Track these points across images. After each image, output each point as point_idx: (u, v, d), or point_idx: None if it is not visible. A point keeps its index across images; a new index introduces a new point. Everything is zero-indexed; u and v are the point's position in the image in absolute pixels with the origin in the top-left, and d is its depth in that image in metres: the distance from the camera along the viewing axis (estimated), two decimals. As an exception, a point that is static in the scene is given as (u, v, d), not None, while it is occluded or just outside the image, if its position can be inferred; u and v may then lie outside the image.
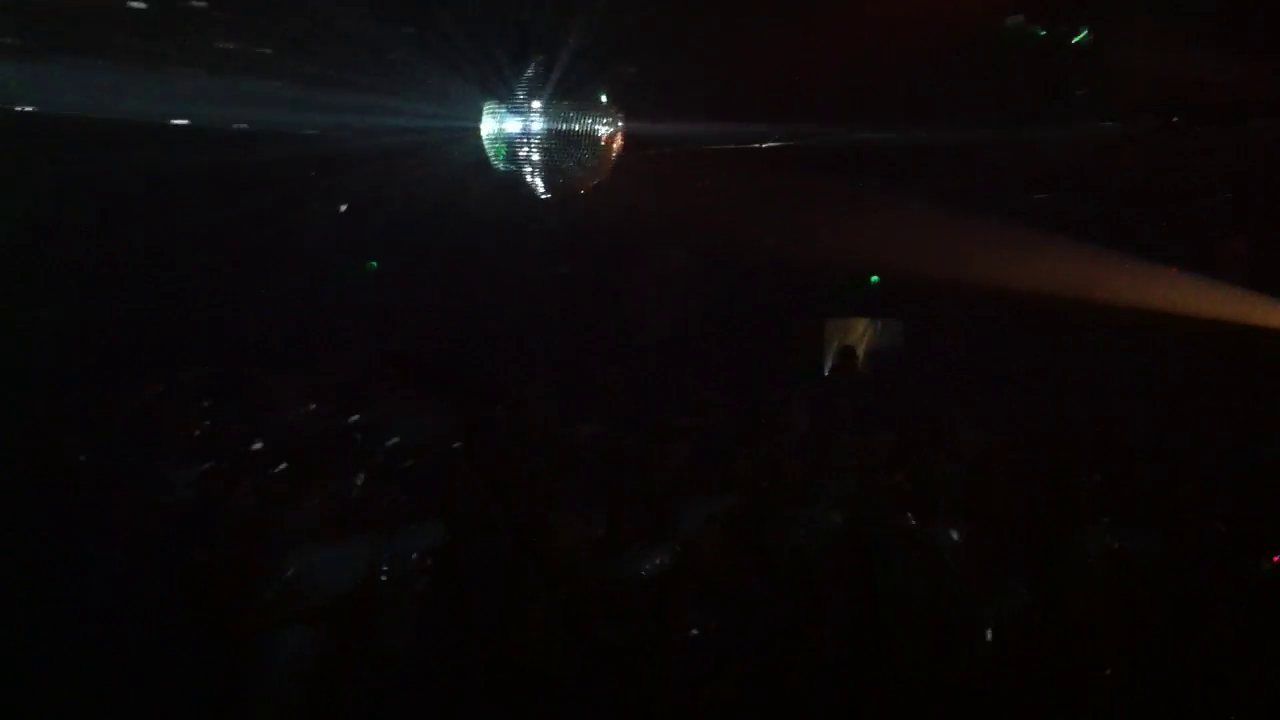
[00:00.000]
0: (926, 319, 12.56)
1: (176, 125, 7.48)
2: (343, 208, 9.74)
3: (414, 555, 6.49)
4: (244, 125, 7.40)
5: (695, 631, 5.83)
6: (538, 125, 5.88)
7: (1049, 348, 11.21)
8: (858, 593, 5.90)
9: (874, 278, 12.75)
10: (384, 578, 6.19)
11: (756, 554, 6.20)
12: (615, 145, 6.00)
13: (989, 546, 6.06)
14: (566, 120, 5.88)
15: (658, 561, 6.23)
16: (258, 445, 7.51)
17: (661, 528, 6.47)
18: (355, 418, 8.56)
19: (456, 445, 7.51)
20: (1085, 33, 6.57)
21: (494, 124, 6.01)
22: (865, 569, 5.96)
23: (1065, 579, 6.20)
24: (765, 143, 7.84)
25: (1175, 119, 8.06)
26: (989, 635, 5.85)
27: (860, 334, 13.34)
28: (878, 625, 5.82)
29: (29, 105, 7.14)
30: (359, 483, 6.55)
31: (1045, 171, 9.66)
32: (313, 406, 8.37)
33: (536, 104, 5.89)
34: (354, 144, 7.92)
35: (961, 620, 6.00)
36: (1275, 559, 5.94)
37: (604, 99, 5.96)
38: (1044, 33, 6.46)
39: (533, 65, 6.01)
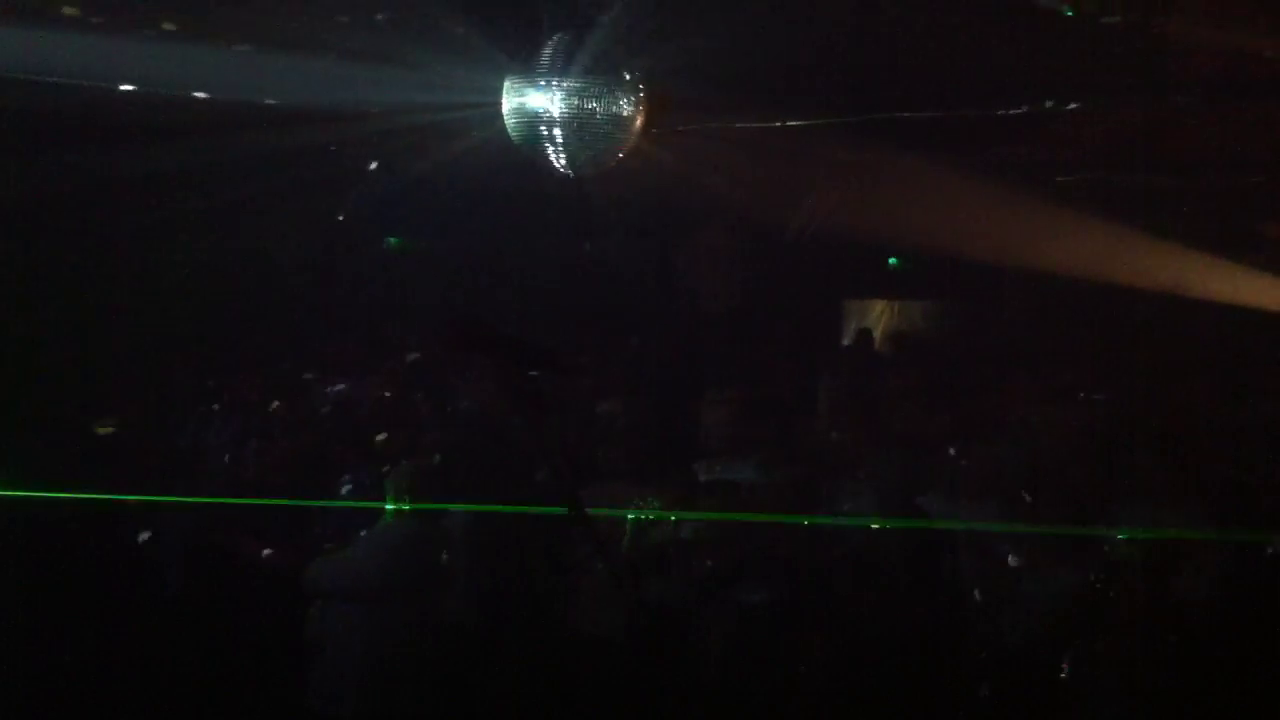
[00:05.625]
0: (982, 296, 12.47)
1: (197, 99, 7.45)
2: (371, 171, 9.70)
3: (464, 530, 6.49)
4: (265, 101, 7.34)
5: (747, 602, 5.79)
6: (560, 102, 5.75)
7: (1108, 325, 11.10)
8: (907, 568, 5.83)
9: (893, 260, 12.62)
10: (435, 552, 6.22)
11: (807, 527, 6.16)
12: (639, 123, 5.89)
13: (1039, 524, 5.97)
14: (589, 97, 5.75)
15: (704, 532, 6.21)
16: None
17: (707, 498, 6.45)
18: (413, 392, 8.63)
19: (512, 417, 7.49)
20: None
21: (515, 100, 5.89)
22: (915, 547, 5.89)
23: (1113, 557, 6.09)
24: (792, 121, 7.73)
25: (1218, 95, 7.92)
26: (1038, 614, 5.76)
27: (878, 315, 13.26)
28: (928, 603, 5.75)
29: (70, 78, 7.11)
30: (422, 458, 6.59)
31: (1096, 147, 9.52)
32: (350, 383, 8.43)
33: (559, 80, 5.76)
34: (376, 120, 7.85)
35: (1012, 600, 5.93)
36: None
37: (628, 75, 5.82)
38: (1071, 13, 6.32)
39: (556, 39, 5.88)
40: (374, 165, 9.23)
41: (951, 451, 6.99)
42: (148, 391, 8.18)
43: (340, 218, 10.10)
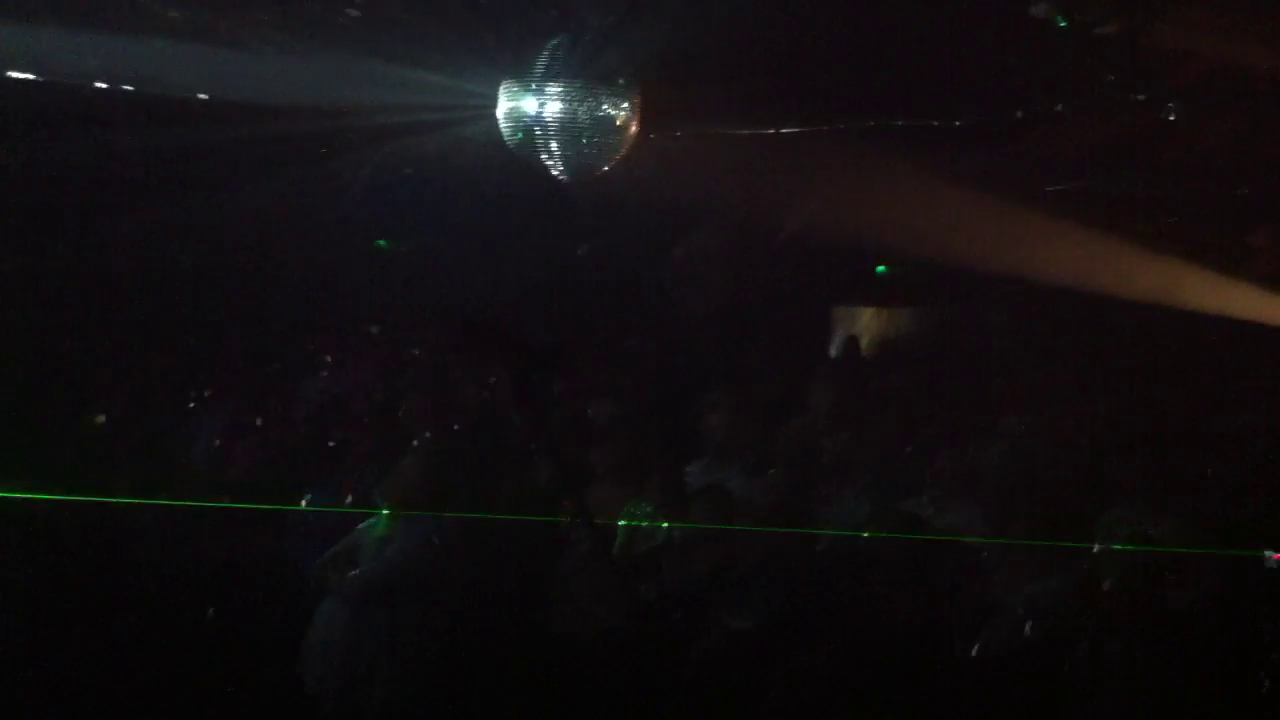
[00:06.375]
0: (966, 302, 12.51)
1: (192, 99, 7.44)
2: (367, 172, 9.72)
3: (454, 529, 6.49)
4: (257, 100, 7.34)
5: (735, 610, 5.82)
6: (553, 107, 5.78)
7: (1089, 332, 11.14)
8: (891, 575, 5.85)
9: (880, 267, 12.66)
10: (424, 552, 6.22)
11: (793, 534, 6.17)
12: (634, 128, 5.92)
13: (1022, 531, 5.99)
14: (583, 102, 5.78)
15: (694, 537, 6.21)
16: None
17: (694, 502, 6.45)
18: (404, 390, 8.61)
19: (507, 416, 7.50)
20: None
21: (509, 104, 5.92)
22: (901, 555, 5.91)
23: (1093, 563, 6.12)
24: (784, 128, 7.77)
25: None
26: (1019, 621, 5.78)
27: (866, 321, 13.29)
28: (911, 610, 5.77)
29: (56, 76, 7.11)
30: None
31: (1083, 156, 9.57)
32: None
33: (553, 85, 5.80)
34: (368, 121, 7.86)
35: (992, 608, 5.95)
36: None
37: (622, 81, 5.86)
38: (1064, 23, 6.36)
39: (551, 44, 5.92)
40: (369, 166, 9.25)
41: (940, 455, 7.01)
42: (141, 387, 8.17)
43: (335, 217, 10.11)
